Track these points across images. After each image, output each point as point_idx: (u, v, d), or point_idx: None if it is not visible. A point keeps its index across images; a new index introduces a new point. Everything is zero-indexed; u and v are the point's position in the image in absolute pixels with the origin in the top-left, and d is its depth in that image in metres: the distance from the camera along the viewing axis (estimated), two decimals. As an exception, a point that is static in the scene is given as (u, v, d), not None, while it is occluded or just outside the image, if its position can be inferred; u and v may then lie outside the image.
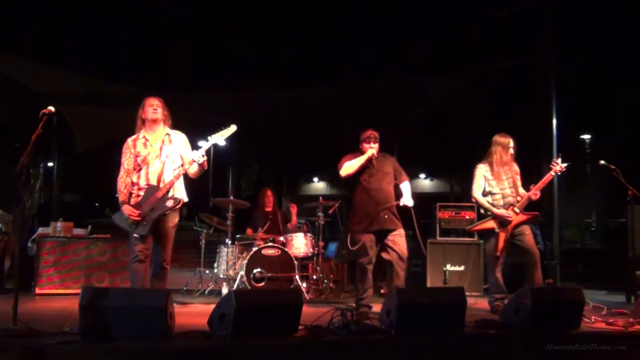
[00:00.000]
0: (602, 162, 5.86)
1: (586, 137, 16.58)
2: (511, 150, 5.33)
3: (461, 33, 10.29)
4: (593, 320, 4.42)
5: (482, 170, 5.37)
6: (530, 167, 5.59)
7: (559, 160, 5.21)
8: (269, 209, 7.31)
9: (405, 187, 5.20)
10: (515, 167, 5.40)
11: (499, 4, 8.50)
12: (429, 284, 6.98)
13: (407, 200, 5.04)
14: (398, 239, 4.94)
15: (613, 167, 5.73)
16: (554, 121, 7.28)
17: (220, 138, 4.38)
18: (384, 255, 5.02)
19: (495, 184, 5.29)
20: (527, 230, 5.21)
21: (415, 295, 3.85)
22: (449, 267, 7.07)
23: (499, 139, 5.39)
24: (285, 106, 8.57)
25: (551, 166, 5.29)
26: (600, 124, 14.89)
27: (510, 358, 3.70)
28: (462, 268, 7.05)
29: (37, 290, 6.15)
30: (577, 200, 16.90)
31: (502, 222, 5.20)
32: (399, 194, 5.13)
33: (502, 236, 5.18)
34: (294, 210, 7.86)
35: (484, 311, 5.13)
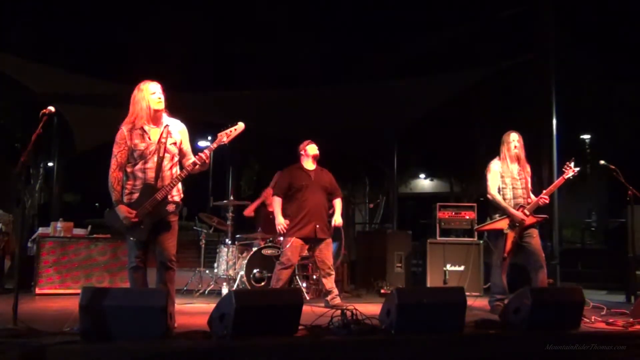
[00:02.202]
0: (602, 162, 5.87)
1: (586, 137, 16.57)
2: (513, 148, 5.31)
3: (461, 33, 10.28)
4: (593, 320, 4.42)
5: (497, 166, 5.34)
6: (530, 168, 5.58)
7: (572, 164, 5.20)
8: (272, 209, 7.28)
9: (337, 204, 5.80)
10: (528, 169, 5.41)
11: (499, 4, 8.50)
12: (429, 284, 6.98)
13: (337, 218, 5.70)
14: (324, 249, 5.56)
15: (613, 167, 5.73)
16: (554, 121, 7.27)
17: (226, 138, 3.95)
18: (316, 261, 5.66)
19: (509, 182, 5.29)
20: (535, 233, 5.22)
21: (415, 295, 3.85)
22: (449, 267, 7.07)
23: (503, 136, 5.44)
24: (286, 106, 8.56)
25: (564, 170, 5.28)
26: (600, 124, 14.87)
27: (510, 358, 3.70)
28: (462, 268, 7.05)
29: (37, 290, 6.15)
30: (577, 200, 16.90)
31: (513, 223, 5.20)
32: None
33: (511, 237, 5.19)
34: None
35: (484, 311, 5.13)
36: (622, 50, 12.81)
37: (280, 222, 5.57)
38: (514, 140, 5.34)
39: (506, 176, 5.30)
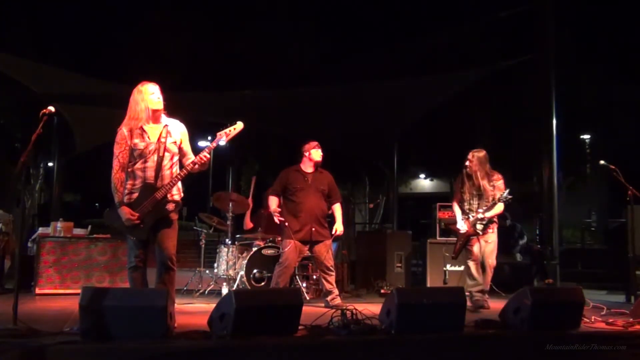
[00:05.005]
0: (602, 162, 5.89)
1: (586, 137, 16.58)
2: (464, 168, 5.65)
3: (461, 33, 10.28)
4: (593, 320, 4.42)
5: (458, 181, 5.82)
6: (531, 168, 5.60)
7: (507, 192, 5.41)
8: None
9: (337, 210, 5.74)
10: (494, 183, 5.55)
11: (499, 4, 8.50)
12: (429, 284, 6.97)
13: (338, 226, 5.66)
14: (323, 250, 5.53)
15: (613, 167, 5.74)
16: (554, 121, 7.28)
17: (225, 137, 3.95)
18: (316, 262, 5.69)
19: (467, 197, 5.64)
20: (488, 239, 5.52)
21: (415, 295, 3.85)
22: (449, 267, 7.06)
23: None
24: (286, 106, 8.56)
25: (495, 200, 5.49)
26: (600, 124, 14.88)
27: (510, 358, 3.70)
28: (462, 268, 7.04)
29: (37, 290, 6.14)
30: (577, 200, 16.90)
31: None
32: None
33: (459, 240, 5.64)
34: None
35: (484, 311, 5.13)
36: (622, 51, 12.81)
37: (274, 208, 5.61)
38: (467, 159, 5.65)
39: (464, 192, 5.65)
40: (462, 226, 5.59)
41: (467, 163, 5.63)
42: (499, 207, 5.47)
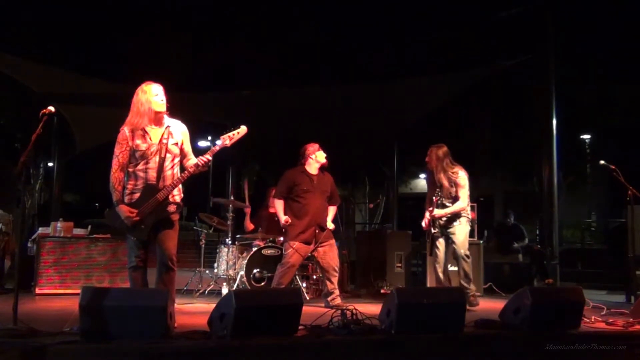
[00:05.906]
0: (602, 162, 5.90)
1: (586, 137, 16.58)
2: (426, 160, 5.68)
3: (461, 33, 10.28)
4: (593, 320, 4.42)
5: (427, 178, 5.92)
6: (531, 168, 5.61)
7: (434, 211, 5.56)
8: (273, 210, 7.27)
9: (331, 211, 5.79)
10: (454, 178, 5.58)
11: (499, 4, 8.50)
12: (429, 284, 6.97)
13: (328, 223, 5.68)
14: (328, 251, 5.54)
15: (613, 167, 5.74)
16: (554, 121, 7.28)
17: (228, 141, 3.96)
18: (320, 264, 5.63)
19: (436, 192, 5.66)
20: (454, 231, 5.59)
21: (415, 295, 3.85)
22: (449, 267, 7.04)
23: None
24: (286, 106, 8.57)
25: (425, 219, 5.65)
26: (600, 124, 14.88)
27: (510, 358, 3.70)
28: (462, 268, 7.02)
29: (37, 290, 6.14)
30: (577, 200, 16.91)
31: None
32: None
33: (427, 238, 5.75)
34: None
35: (484, 311, 5.13)
36: (622, 50, 12.80)
37: (284, 218, 5.59)
38: (427, 155, 5.68)
39: (433, 187, 5.68)
40: (424, 220, 5.66)
41: (427, 159, 5.67)
42: (455, 207, 5.52)
